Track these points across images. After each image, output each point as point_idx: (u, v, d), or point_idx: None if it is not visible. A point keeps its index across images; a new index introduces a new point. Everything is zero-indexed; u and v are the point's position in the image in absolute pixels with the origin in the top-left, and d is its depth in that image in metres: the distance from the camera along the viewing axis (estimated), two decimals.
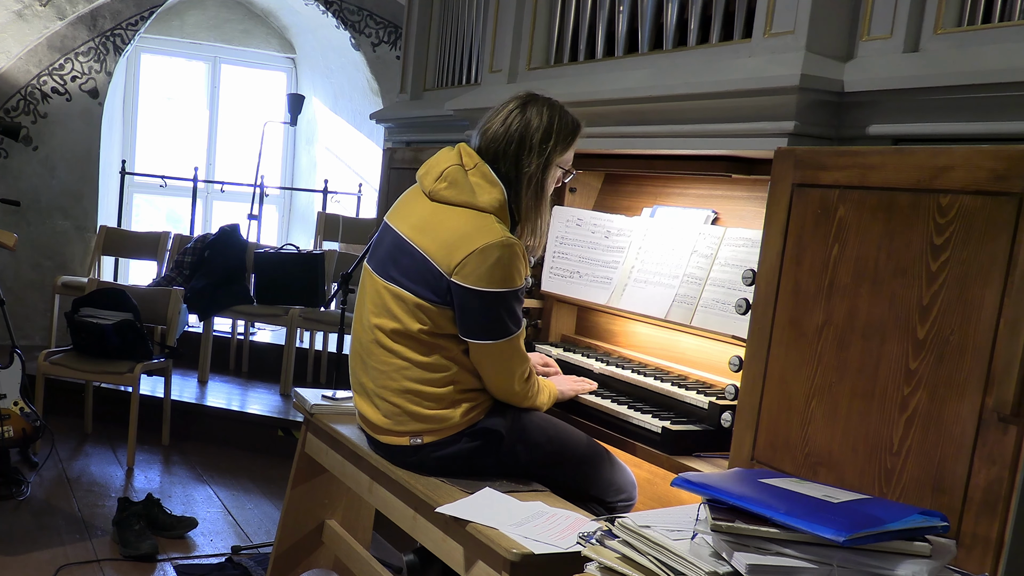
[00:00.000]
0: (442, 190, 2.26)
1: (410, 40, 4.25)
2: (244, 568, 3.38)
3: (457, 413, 2.27)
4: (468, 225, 2.20)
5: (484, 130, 2.32)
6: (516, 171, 2.27)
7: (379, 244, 2.39)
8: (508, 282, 2.19)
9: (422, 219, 2.28)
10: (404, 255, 2.27)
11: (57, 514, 3.75)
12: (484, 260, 2.16)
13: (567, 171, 2.40)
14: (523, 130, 2.26)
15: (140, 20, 6.26)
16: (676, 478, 1.50)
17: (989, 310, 1.51)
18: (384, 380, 2.30)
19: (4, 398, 3.75)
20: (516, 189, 2.27)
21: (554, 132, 2.27)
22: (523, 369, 2.30)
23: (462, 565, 2.03)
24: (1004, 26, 1.80)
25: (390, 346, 2.28)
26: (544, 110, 2.28)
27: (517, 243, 2.21)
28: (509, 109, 2.30)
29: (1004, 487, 1.47)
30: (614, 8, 2.77)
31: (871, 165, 1.72)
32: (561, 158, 2.32)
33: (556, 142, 2.28)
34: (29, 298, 6.12)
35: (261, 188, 6.52)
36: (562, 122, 2.29)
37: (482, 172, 2.26)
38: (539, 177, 2.28)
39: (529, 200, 2.29)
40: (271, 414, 4.94)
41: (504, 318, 2.21)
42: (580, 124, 2.35)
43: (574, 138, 2.33)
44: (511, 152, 2.26)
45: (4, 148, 6.04)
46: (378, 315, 2.30)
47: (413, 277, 2.24)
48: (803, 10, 2.05)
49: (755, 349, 1.96)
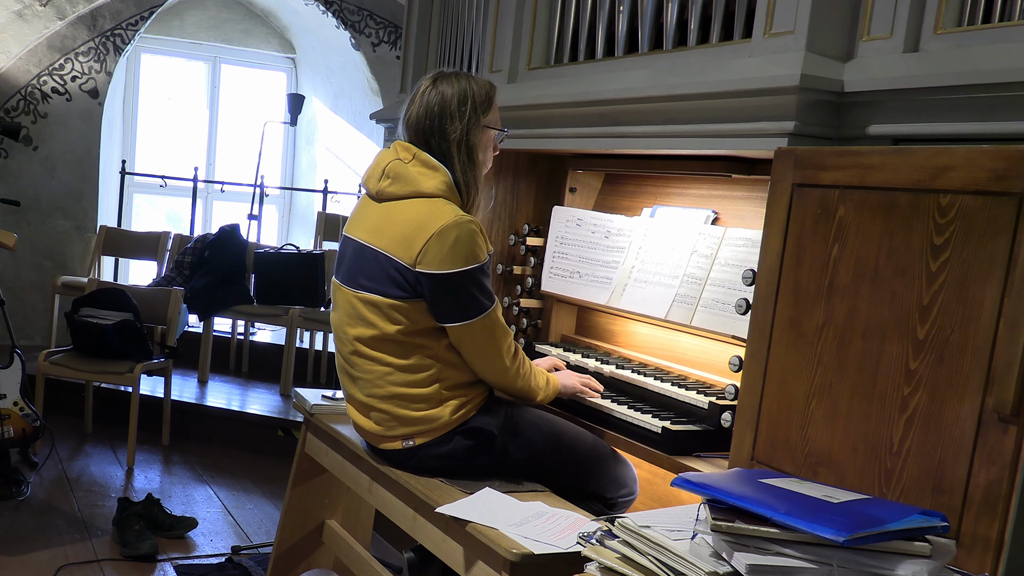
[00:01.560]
0: (387, 188, 2.31)
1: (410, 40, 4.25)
2: (244, 568, 3.38)
3: (446, 412, 2.27)
4: (420, 213, 2.24)
5: (407, 119, 2.37)
6: (445, 141, 2.32)
7: (342, 257, 2.42)
8: (472, 259, 2.21)
9: (376, 221, 2.31)
10: (367, 260, 2.29)
11: (57, 514, 3.75)
12: (443, 242, 2.19)
13: (499, 131, 2.44)
14: (440, 101, 2.32)
15: (140, 20, 6.26)
16: (676, 478, 1.50)
17: (989, 310, 1.51)
18: (371, 388, 2.31)
19: (4, 398, 3.75)
20: (450, 161, 2.32)
21: (469, 95, 2.33)
22: (507, 343, 2.30)
23: (462, 565, 2.03)
24: (1004, 26, 1.80)
25: (370, 354, 2.29)
26: (454, 81, 2.35)
27: (472, 219, 2.25)
28: (422, 90, 2.36)
29: (1004, 487, 1.47)
30: (614, 8, 2.77)
31: (871, 165, 1.72)
32: (485, 119, 2.37)
33: (473, 103, 2.33)
34: (29, 298, 6.12)
35: (261, 188, 6.52)
36: (474, 84, 2.36)
37: (421, 160, 2.30)
38: (467, 140, 2.32)
39: (464, 164, 2.33)
40: (271, 414, 4.94)
41: (475, 294, 2.23)
42: (492, 85, 2.42)
43: (491, 99, 2.39)
44: (435, 127, 2.32)
45: (4, 148, 6.04)
46: (354, 325, 2.32)
47: (380, 279, 2.25)
48: (803, 10, 2.05)
49: (755, 349, 1.96)
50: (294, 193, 7.88)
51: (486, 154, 2.40)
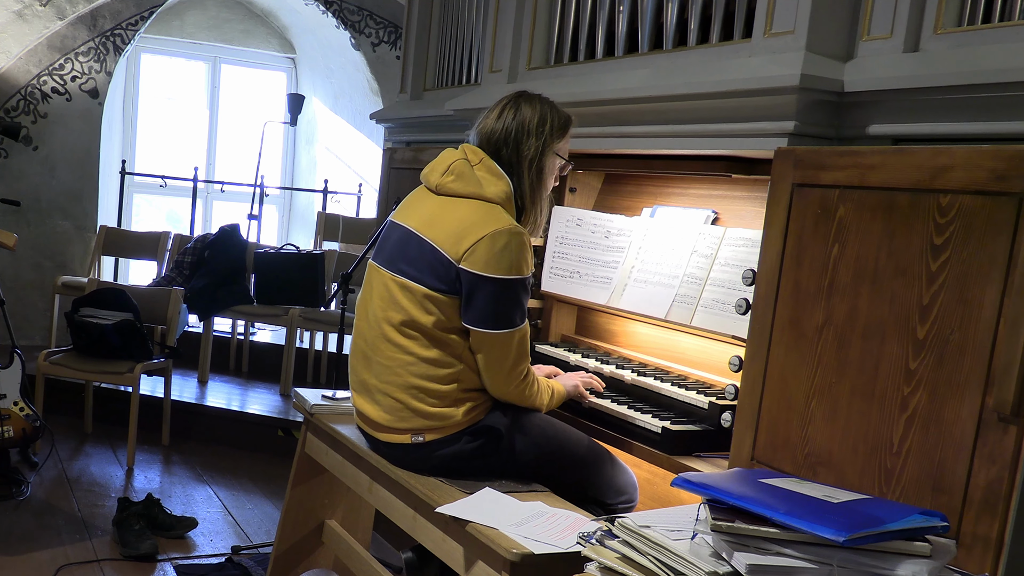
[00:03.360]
0: (449, 183, 2.32)
1: (410, 40, 4.25)
2: (244, 568, 3.38)
3: (460, 412, 2.27)
4: (476, 214, 2.25)
5: (481, 128, 2.39)
6: (517, 155, 2.34)
7: (385, 240, 2.42)
8: (516, 269, 2.22)
9: (430, 213, 2.32)
10: (412, 247, 2.30)
11: (57, 514, 3.75)
12: (493, 245, 2.20)
13: (565, 162, 2.45)
14: (519, 121, 2.35)
15: (140, 20, 6.26)
16: (676, 478, 1.50)
17: (989, 310, 1.51)
18: (389, 376, 2.30)
19: (4, 398, 3.75)
20: (519, 174, 2.34)
21: (548, 118, 2.37)
22: (522, 368, 2.30)
23: (462, 565, 2.03)
24: (1004, 26, 1.80)
25: (397, 340, 2.28)
26: (536, 104, 2.38)
27: (525, 232, 2.27)
28: (503, 105, 2.39)
29: (1004, 487, 1.47)
30: (614, 8, 2.77)
31: (871, 165, 1.72)
32: (558, 145, 2.39)
33: (552, 127, 2.37)
34: (29, 298, 6.12)
35: (261, 188, 6.52)
36: (555, 112, 2.40)
37: (487, 166, 2.32)
38: (539, 160, 2.35)
39: (532, 182, 2.36)
40: (271, 414, 4.94)
41: (510, 308, 2.23)
42: (571, 117, 2.45)
43: (567, 127, 2.42)
44: (511, 140, 2.34)
45: (4, 148, 6.04)
46: (385, 309, 2.31)
47: (421, 267, 2.26)
48: (803, 10, 2.05)
49: (755, 349, 1.96)
50: (294, 193, 7.88)
51: (550, 179, 2.43)
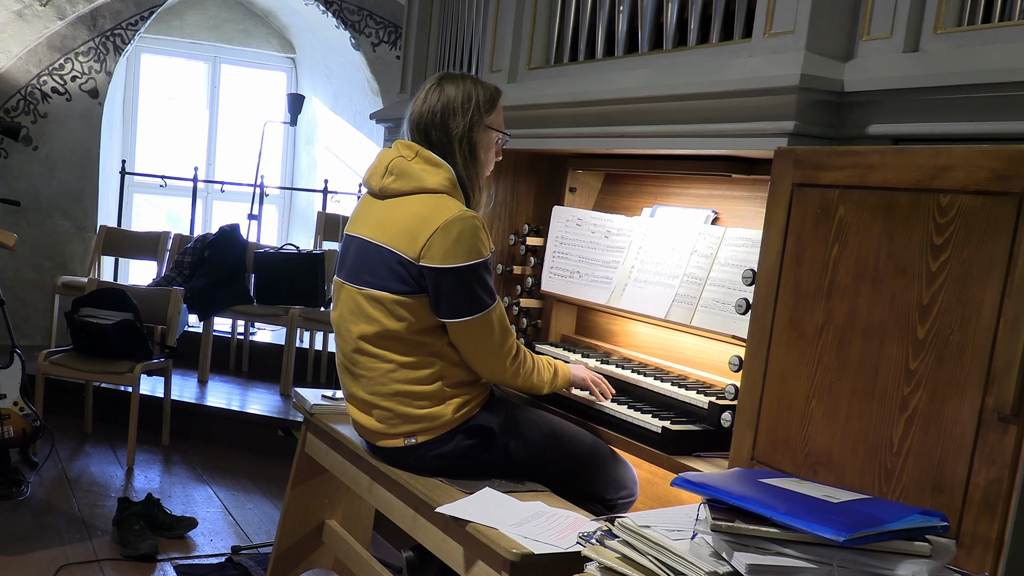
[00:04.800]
0: (390, 184, 2.31)
1: (410, 40, 4.25)
2: (244, 568, 3.38)
3: (449, 410, 2.27)
4: (424, 208, 2.24)
5: (410, 116, 2.38)
6: (447, 136, 2.33)
7: (345, 255, 2.41)
8: (475, 254, 2.22)
9: (379, 218, 2.32)
10: (371, 256, 2.29)
11: (57, 514, 3.75)
12: (447, 236, 2.19)
13: (503, 134, 2.44)
14: (444, 101, 2.33)
15: (140, 20, 6.26)
16: (676, 478, 1.50)
17: (989, 310, 1.51)
18: (373, 386, 2.30)
19: (4, 398, 3.75)
20: (452, 157, 2.33)
21: (473, 94, 2.35)
22: (508, 344, 2.30)
23: (462, 565, 2.03)
24: (1004, 26, 1.80)
25: (373, 351, 2.28)
26: (459, 82, 2.36)
27: (475, 215, 2.26)
28: (427, 89, 2.37)
29: (1004, 487, 1.47)
30: (614, 8, 2.77)
31: (871, 165, 1.72)
32: (489, 118, 2.37)
33: (477, 102, 2.35)
34: (29, 298, 6.12)
35: (261, 188, 6.52)
36: (479, 86, 2.38)
37: (424, 157, 2.31)
38: (469, 136, 2.33)
39: (466, 160, 2.34)
40: (271, 414, 4.94)
41: (477, 291, 2.23)
42: (498, 89, 2.43)
43: (495, 100, 2.40)
44: (438, 122, 2.33)
45: (4, 148, 6.04)
46: (357, 323, 2.31)
47: (383, 274, 2.26)
48: (803, 10, 2.05)
49: (755, 349, 1.96)
50: (294, 193, 7.88)
51: (488, 155, 2.41)
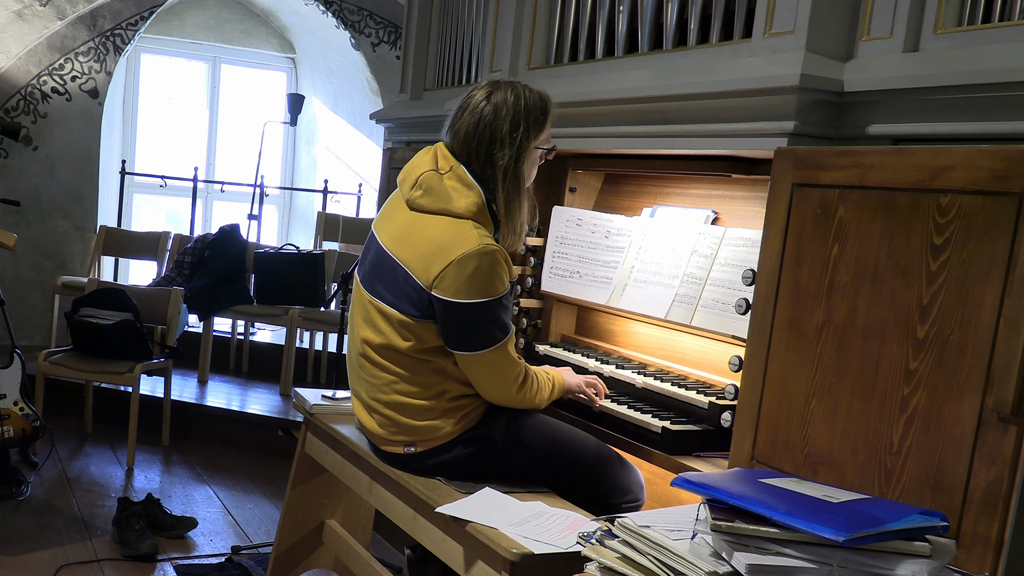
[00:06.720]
0: (418, 198, 2.23)
1: (410, 40, 4.25)
2: (244, 568, 3.38)
3: (449, 423, 2.26)
4: (445, 235, 2.16)
5: (456, 130, 2.27)
6: (491, 168, 2.23)
7: (366, 254, 2.39)
8: (489, 291, 2.15)
9: (402, 229, 2.26)
10: (387, 269, 2.26)
11: (57, 514, 3.75)
12: (462, 272, 2.12)
13: (548, 149, 2.34)
14: (491, 121, 2.21)
15: (140, 20, 6.26)
16: (676, 478, 1.50)
17: (989, 310, 1.51)
18: (375, 392, 2.30)
19: (4, 398, 3.75)
20: (492, 186, 2.23)
21: (522, 117, 2.23)
22: (515, 373, 2.26)
23: (462, 565, 2.03)
24: (1004, 26, 1.80)
25: (377, 360, 2.27)
26: (508, 95, 2.23)
27: (497, 249, 2.16)
28: (476, 102, 2.25)
29: (1004, 487, 1.47)
30: (614, 8, 2.77)
31: (871, 165, 1.72)
32: (537, 140, 2.28)
33: (526, 127, 2.23)
34: (29, 298, 6.12)
35: (261, 188, 6.52)
36: (528, 103, 2.24)
37: (457, 175, 2.22)
38: (514, 168, 2.23)
39: (509, 193, 2.23)
40: (271, 414, 4.94)
41: (488, 327, 2.17)
42: (548, 100, 2.29)
43: (545, 117, 2.28)
44: (483, 149, 2.22)
45: (4, 148, 6.04)
46: (364, 328, 2.30)
47: (395, 292, 2.22)
48: (803, 10, 2.05)
49: (755, 349, 1.96)
50: (294, 193, 7.88)
51: (532, 170, 2.31)
